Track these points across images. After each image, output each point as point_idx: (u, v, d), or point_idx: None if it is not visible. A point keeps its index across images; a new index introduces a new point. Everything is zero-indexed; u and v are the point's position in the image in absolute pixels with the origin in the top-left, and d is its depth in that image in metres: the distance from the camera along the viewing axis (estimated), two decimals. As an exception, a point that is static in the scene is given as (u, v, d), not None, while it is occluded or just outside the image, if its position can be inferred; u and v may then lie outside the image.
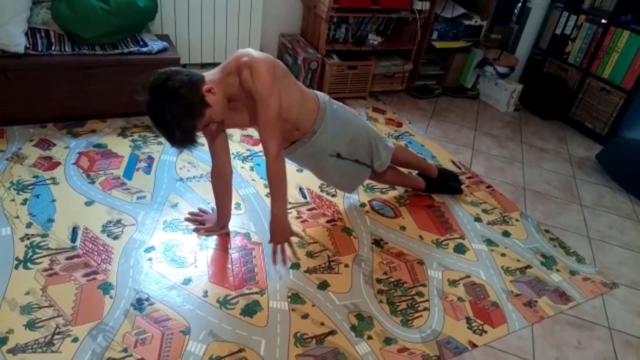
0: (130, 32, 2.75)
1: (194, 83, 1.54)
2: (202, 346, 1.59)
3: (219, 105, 1.60)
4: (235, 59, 1.64)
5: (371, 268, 2.03)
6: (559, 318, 1.96)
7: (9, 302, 1.62)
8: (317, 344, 1.67)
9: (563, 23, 3.70)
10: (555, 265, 2.24)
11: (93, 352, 1.51)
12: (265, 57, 1.63)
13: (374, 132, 2.16)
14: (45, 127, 2.59)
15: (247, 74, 1.60)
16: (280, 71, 1.69)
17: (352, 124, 2.05)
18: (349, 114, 2.08)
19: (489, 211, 2.54)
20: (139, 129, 2.71)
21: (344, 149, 2.02)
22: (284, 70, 1.73)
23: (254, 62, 1.59)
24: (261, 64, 1.59)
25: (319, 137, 1.92)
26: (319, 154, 1.99)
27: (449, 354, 1.71)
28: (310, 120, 1.88)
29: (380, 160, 2.15)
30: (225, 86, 1.63)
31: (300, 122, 1.86)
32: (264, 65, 1.59)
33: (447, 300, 1.94)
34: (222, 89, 1.61)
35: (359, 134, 2.05)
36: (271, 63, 1.63)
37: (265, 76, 1.58)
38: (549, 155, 3.29)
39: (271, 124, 1.64)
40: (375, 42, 3.47)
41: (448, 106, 3.76)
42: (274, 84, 1.60)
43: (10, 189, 2.11)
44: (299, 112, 1.82)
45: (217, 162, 1.90)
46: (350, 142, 2.02)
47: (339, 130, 1.97)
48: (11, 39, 2.38)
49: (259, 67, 1.59)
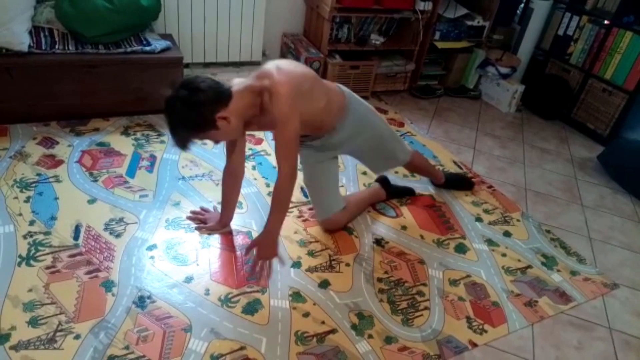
0: (134, 31, 2.77)
1: (215, 104, 1.53)
2: (203, 344, 1.60)
3: (229, 130, 1.60)
4: (259, 78, 1.62)
5: (372, 267, 2.04)
6: (559, 318, 1.96)
7: (12, 299, 1.63)
8: (318, 342, 1.68)
9: (565, 24, 3.70)
10: (556, 265, 2.24)
11: (95, 349, 1.52)
12: (288, 80, 1.59)
13: (392, 134, 2.21)
14: (48, 125, 2.60)
15: (267, 98, 1.59)
16: (306, 86, 1.68)
17: (372, 124, 2.08)
18: (370, 113, 2.09)
19: (490, 211, 2.54)
20: (141, 128, 2.72)
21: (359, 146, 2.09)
22: (310, 82, 1.72)
23: (274, 86, 1.57)
24: (281, 89, 1.57)
25: (338, 133, 1.96)
26: (334, 147, 2.05)
27: (449, 353, 1.72)
28: (332, 119, 1.92)
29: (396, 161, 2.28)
30: (248, 108, 1.62)
31: (323, 123, 1.91)
32: (285, 89, 1.57)
33: (448, 299, 1.95)
34: (242, 114, 1.61)
35: (376, 135, 2.10)
36: (292, 86, 1.60)
37: (284, 101, 1.56)
38: (551, 155, 3.29)
39: (287, 146, 1.64)
40: (377, 42, 3.48)
41: (450, 106, 3.76)
42: (292, 109, 1.59)
43: (14, 187, 2.12)
44: (323, 117, 1.87)
45: (232, 162, 1.91)
46: (366, 141, 2.07)
47: (358, 129, 2.01)
48: (15, 38, 2.39)
49: (278, 91, 1.56)
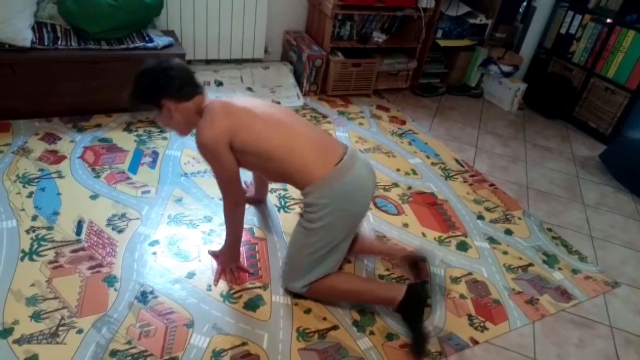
0: (136, 27, 2.77)
1: (164, 92, 1.60)
2: (205, 339, 1.60)
3: (169, 122, 1.67)
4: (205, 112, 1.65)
5: (374, 264, 2.04)
6: (560, 316, 1.96)
7: (15, 293, 1.63)
8: (320, 338, 1.68)
9: (568, 22, 3.69)
10: (557, 263, 2.24)
11: (97, 343, 1.52)
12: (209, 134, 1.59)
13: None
14: (50, 121, 2.60)
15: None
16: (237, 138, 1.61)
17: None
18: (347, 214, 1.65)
19: (491, 209, 2.54)
20: (143, 124, 2.72)
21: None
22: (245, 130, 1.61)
23: (197, 133, 1.61)
24: (199, 139, 1.60)
25: (308, 198, 1.64)
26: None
27: (450, 350, 1.72)
28: (301, 175, 1.63)
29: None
30: (190, 122, 1.67)
31: (288, 174, 1.66)
32: (202, 141, 1.60)
33: (449, 297, 1.95)
34: (187, 120, 1.66)
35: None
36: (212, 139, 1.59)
37: (202, 150, 1.62)
38: (553, 154, 3.28)
39: (221, 184, 1.71)
40: (379, 40, 3.48)
41: (452, 104, 3.76)
42: (213, 155, 1.62)
43: (16, 182, 2.12)
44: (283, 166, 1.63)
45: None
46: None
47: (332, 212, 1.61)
48: (18, 33, 2.39)
49: (198, 141, 1.61)
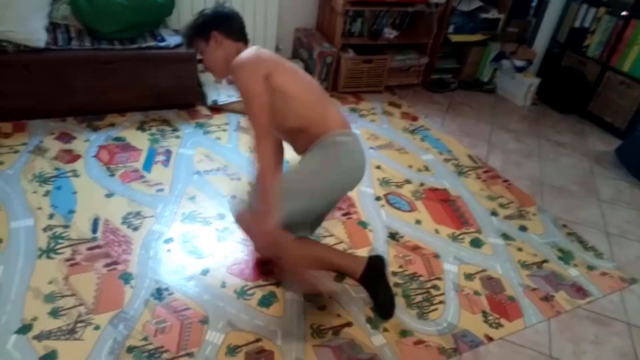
0: (148, 27, 2.79)
1: (218, 25, 1.69)
2: (220, 335, 1.61)
3: (212, 53, 1.70)
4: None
5: (387, 261, 2.04)
6: (576, 313, 1.95)
7: (34, 290, 1.66)
8: (334, 335, 1.68)
9: (582, 16, 3.64)
10: (572, 260, 2.22)
11: (114, 340, 1.54)
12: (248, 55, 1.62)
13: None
14: (65, 121, 2.63)
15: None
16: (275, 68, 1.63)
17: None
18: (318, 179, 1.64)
19: (505, 205, 2.52)
20: (157, 123, 2.74)
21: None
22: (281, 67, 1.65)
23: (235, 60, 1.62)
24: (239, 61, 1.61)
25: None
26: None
27: (465, 347, 1.72)
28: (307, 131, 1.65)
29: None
30: (228, 56, 1.66)
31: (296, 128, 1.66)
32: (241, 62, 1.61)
33: (463, 293, 1.94)
34: (227, 55, 1.67)
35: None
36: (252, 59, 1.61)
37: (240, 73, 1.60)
38: (567, 149, 3.25)
39: (251, 114, 1.59)
40: (391, 36, 3.46)
41: (464, 100, 3.73)
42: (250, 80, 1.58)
43: (33, 181, 2.16)
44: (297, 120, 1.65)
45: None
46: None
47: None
48: (32, 34, 2.42)
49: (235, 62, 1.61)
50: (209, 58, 1.72)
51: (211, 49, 1.69)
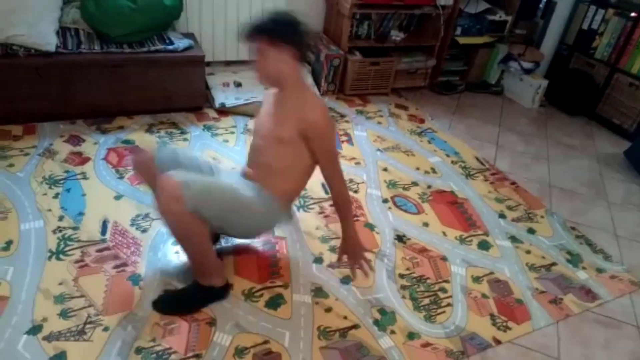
0: (157, 30, 2.81)
1: (295, 43, 1.62)
2: (228, 337, 1.62)
3: (273, 67, 1.63)
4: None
5: (394, 263, 2.04)
6: (585, 316, 1.93)
7: (43, 291, 1.68)
8: (341, 337, 1.68)
9: (590, 17, 3.63)
10: (581, 262, 2.21)
11: (123, 341, 1.55)
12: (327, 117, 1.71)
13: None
14: (75, 124, 2.66)
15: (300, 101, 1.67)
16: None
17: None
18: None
19: (513, 208, 2.51)
20: (165, 126, 2.76)
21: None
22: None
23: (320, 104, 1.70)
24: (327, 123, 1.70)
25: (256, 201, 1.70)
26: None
27: (472, 350, 1.71)
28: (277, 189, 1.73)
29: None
30: (281, 77, 1.66)
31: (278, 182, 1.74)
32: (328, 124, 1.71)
33: (471, 296, 1.94)
34: (281, 74, 1.65)
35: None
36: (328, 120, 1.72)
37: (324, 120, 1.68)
38: (576, 151, 3.23)
39: (335, 164, 1.75)
40: (397, 39, 3.46)
41: (471, 102, 3.72)
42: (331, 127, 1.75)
43: (43, 184, 2.18)
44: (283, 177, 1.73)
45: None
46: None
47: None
48: (43, 38, 2.45)
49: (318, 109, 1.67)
50: (267, 64, 1.62)
51: (275, 59, 1.61)
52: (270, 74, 1.66)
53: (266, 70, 1.65)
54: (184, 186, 1.48)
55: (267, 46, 1.59)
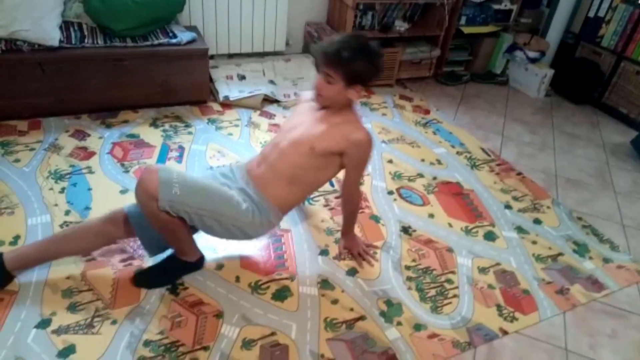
0: (160, 23, 2.80)
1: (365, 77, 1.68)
2: (235, 329, 1.63)
3: (336, 95, 1.68)
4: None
5: (400, 255, 2.04)
6: (592, 306, 1.93)
7: (51, 286, 1.69)
8: (347, 328, 1.69)
9: (597, 5, 3.59)
10: (588, 252, 2.20)
11: (131, 334, 1.57)
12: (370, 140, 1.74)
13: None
14: (79, 118, 2.66)
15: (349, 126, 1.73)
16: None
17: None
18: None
19: (519, 198, 2.50)
20: (169, 119, 2.76)
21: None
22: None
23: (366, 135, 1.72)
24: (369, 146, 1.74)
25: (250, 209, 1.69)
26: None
27: (479, 341, 1.71)
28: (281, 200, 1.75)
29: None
30: (340, 102, 1.72)
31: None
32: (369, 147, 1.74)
33: (477, 287, 1.93)
34: (341, 100, 1.71)
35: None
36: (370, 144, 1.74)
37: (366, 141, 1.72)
38: (582, 141, 3.21)
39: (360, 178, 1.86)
40: (402, 29, 3.44)
41: (477, 92, 3.70)
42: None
43: (49, 178, 2.18)
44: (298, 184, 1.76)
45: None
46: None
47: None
48: (46, 33, 2.45)
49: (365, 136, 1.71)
50: (332, 91, 1.67)
51: (343, 90, 1.66)
52: (332, 100, 1.71)
53: (329, 95, 1.69)
54: (162, 187, 1.47)
55: (342, 78, 1.63)
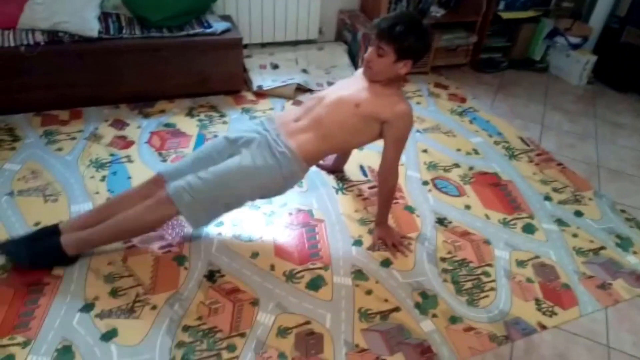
0: (196, 14, 2.82)
1: (420, 58, 1.81)
2: (270, 317, 1.65)
3: (388, 70, 1.77)
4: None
5: (435, 247, 2.01)
6: (636, 302, 1.86)
7: (94, 271, 1.74)
8: (382, 319, 1.69)
9: (645, -13, 3.42)
10: (631, 247, 2.12)
11: (171, 319, 1.61)
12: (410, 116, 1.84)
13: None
14: (118, 108, 2.72)
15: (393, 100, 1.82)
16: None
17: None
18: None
19: (559, 190, 2.43)
20: (204, 109, 2.79)
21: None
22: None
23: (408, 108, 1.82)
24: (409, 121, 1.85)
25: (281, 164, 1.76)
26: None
27: (517, 335, 1.68)
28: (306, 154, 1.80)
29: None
30: (389, 79, 1.81)
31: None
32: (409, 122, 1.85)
33: (515, 280, 1.90)
34: (393, 75, 1.79)
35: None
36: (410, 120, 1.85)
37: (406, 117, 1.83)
38: (625, 130, 3.08)
39: (397, 161, 1.91)
40: (438, 15, 3.36)
41: (515, 80, 3.60)
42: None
43: (90, 167, 2.25)
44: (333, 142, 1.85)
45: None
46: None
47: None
48: (86, 24, 2.51)
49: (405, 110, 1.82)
50: (385, 65, 1.75)
51: (392, 64, 1.75)
52: (384, 73, 1.79)
53: (379, 68, 1.78)
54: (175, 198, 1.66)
55: (393, 52, 1.72)
